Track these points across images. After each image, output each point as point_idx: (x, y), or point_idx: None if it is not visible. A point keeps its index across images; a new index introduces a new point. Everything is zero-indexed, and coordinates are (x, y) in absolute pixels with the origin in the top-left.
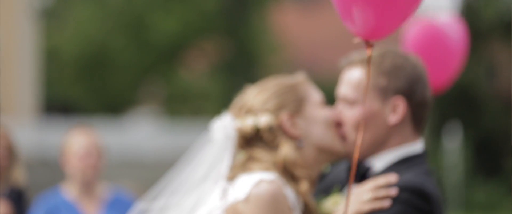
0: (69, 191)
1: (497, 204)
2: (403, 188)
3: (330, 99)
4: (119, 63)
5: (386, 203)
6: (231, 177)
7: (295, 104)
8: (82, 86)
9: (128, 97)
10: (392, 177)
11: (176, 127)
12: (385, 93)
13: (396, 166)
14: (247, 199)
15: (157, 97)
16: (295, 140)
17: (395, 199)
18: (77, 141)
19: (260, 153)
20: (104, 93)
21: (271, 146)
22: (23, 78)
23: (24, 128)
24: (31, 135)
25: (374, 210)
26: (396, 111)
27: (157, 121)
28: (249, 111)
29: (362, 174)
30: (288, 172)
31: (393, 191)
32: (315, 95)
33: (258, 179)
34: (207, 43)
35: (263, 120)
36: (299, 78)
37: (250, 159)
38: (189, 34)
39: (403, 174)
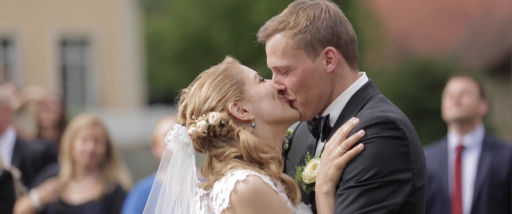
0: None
1: None
2: (369, 125)
3: (424, 70)
4: (221, 52)
5: (360, 147)
6: (207, 186)
7: (235, 90)
8: (184, 76)
9: None
10: (354, 120)
11: None
12: (312, 48)
13: (351, 106)
14: (231, 207)
15: None
16: (249, 124)
17: (365, 139)
18: (163, 127)
19: (221, 149)
20: None
21: (229, 138)
22: (127, 71)
23: (130, 119)
24: (137, 125)
25: (351, 158)
26: (330, 60)
27: None
28: (196, 114)
29: (324, 129)
30: (254, 159)
31: (361, 133)
32: (249, 74)
33: (234, 182)
34: None
35: (212, 117)
36: (228, 63)
37: (214, 158)
38: None
39: (362, 111)
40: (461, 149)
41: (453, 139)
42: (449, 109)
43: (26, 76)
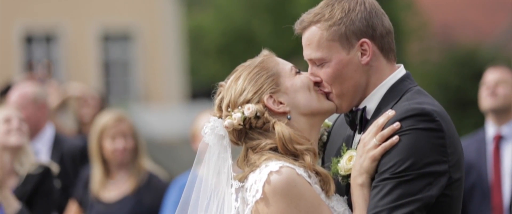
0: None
1: None
2: (404, 117)
3: (467, 60)
4: (264, 45)
5: (395, 139)
6: (242, 177)
7: (271, 82)
8: (227, 69)
9: None
10: (390, 112)
11: None
12: (347, 40)
13: (387, 98)
14: (264, 198)
15: None
16: (284, 116)
17: (401, 131)
18: (202, 120)
19: (257, 141)
20: None
21: (265, 130)
22: (170, 65)
23: (173, 114)
24: (180, 119)
25: (386, 150)
26: (365, 52)
27: None
28: (232, 106)
29: (361, 121)
30: (289, 151)
31: (396, 125)
32: (285, 66)
33: (267, 173)
34: None
35: (248, 109)
36: (264, 55)
37: (250, 150)
38: None
39: (398, 103)
40: (499, 139)
41: (491, 129)
42: (485, 99)
43: (69, 72)
